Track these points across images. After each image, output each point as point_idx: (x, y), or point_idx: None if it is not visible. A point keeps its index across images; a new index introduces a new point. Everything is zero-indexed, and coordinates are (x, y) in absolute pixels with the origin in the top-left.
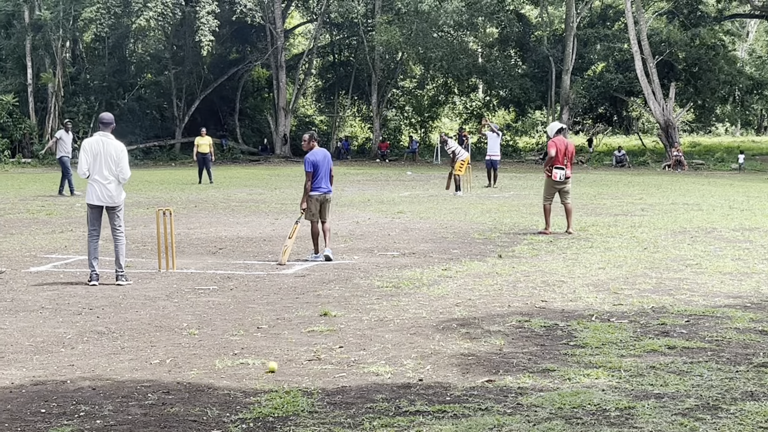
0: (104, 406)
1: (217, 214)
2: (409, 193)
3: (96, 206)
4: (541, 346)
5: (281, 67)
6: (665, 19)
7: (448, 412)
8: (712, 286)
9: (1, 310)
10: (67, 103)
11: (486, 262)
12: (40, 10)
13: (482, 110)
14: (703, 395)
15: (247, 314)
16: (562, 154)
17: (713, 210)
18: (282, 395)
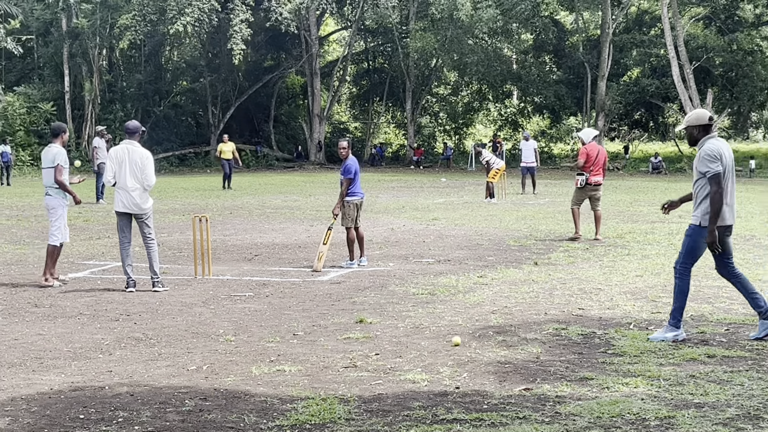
0: (142, 412)
1: (252, 221)
2: (444, 200)
3: (123, 213)
4: (578, 355)
5: (316, 74)
6: (702, 24)
7: (485, 421)
8: None
9: (40, 316)
10: (104, 110)
11: (522, 270)
12: (77, 18)
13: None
14: (744, 405)
15: (283, 321)
16: (591, 162)
17: (752, 217)
18: (318, 402)
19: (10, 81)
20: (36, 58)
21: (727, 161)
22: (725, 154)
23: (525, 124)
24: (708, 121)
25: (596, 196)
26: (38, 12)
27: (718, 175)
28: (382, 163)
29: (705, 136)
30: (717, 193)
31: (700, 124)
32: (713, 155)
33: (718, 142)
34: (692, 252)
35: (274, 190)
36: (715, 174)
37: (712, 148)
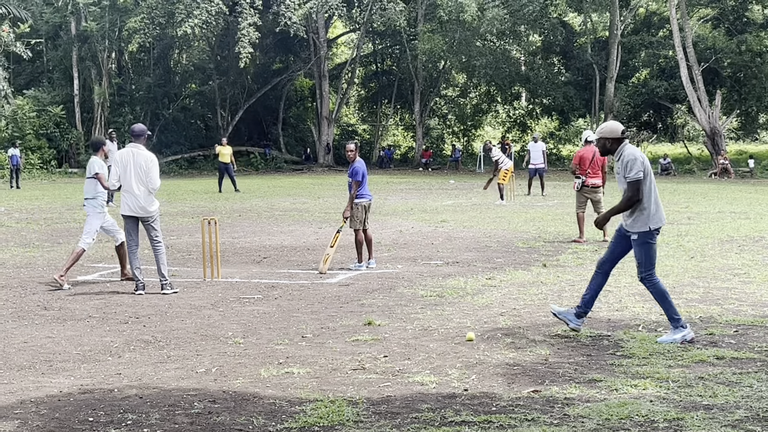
0: (151, 414)
1: (261, 223)
2: (452, 201)
3: (130, 217)
4: (587, 356)
5: (324, 77)
6: (711, 25)
7: (494, 423)
8: (761, 295)
9: (49, 318)
10: (113, 113)
11: (530, 271)
12: (86, 21)
13: (525, 118)
14: (753, 406)
15: (292, 323)
16: (587, 164)
17: (761, 218)
18: (327, 404)
19: (20, 84)
20: (45, 61)
21: (646, 167)
22: (645, 160)
23: (533, 126)
24: (620, 135)
25: (595, 199)
26: (47, 15)
27: (639, 181)
28: (391, 165)
29: (619, 146)
30: (631, 200)
31: (613, 137)
32: (635, 161)
33: (635, 149)
34: (650, 259)
35: (283, 193)
36: (636, 180)
37: (634, 153)
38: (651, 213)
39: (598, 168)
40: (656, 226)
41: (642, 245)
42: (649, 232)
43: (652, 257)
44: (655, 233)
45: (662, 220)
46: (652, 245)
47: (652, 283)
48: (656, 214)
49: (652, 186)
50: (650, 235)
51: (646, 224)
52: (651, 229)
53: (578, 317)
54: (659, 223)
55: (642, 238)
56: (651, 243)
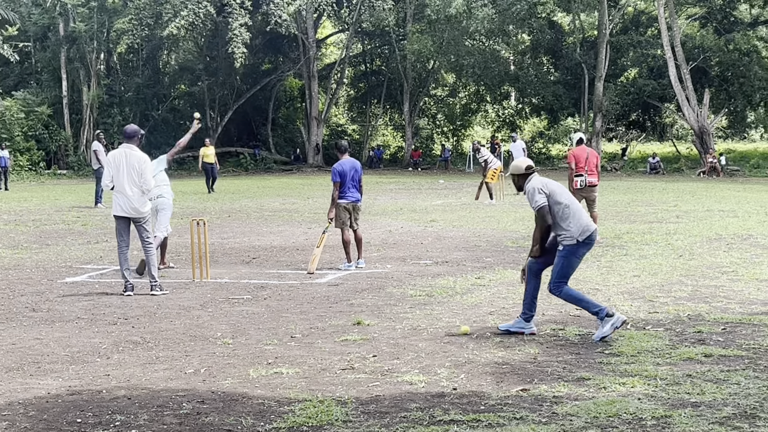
0: (139, 415)
1: (250, 224)
2: (442, 201)
3: (121, 217)
4: (575, 355)
5: (313, 77)
6: (698, 24)
7: (482, 422)
8: (749, 293)
9: (37, 320)
10: (102, 114)
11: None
12: (74, 22)
13: (514, 118)
14: (741, 404)
15: (281, 323)
16: (582, 164)
17: (749, 216)
18: (316, 404)
19: (8, 86)
20: (34, 62)
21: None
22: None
23: (523, 125)
24: (525, 170)
25: (591, 198)
26: (36, 17)
27: (543, 207)
28: (380, 165)
29: (526, 180)
30: (542, 228)
31: (520, 174)
32: (537, 190)
33: (536, 180)
34: (565, 271)
35: (272, 193)
36: (539, 207)
37: (533, 184)
38: (575, 230)
39: (594, 166)
40: (583, 237)
41: (565, 257)
42: (577, 244)
43: (568, 271)
44: (583, 245)
45: (588, 229)
46: (573, 259)
47: (560, 292)
48: (579, 227)
49: (567, 204)
50: (576, 247)
51: (573, 238)
52: (579, 241)
53: (528, 321)
54: (586, 233)
55: (566, 250)
56: (574, 257)
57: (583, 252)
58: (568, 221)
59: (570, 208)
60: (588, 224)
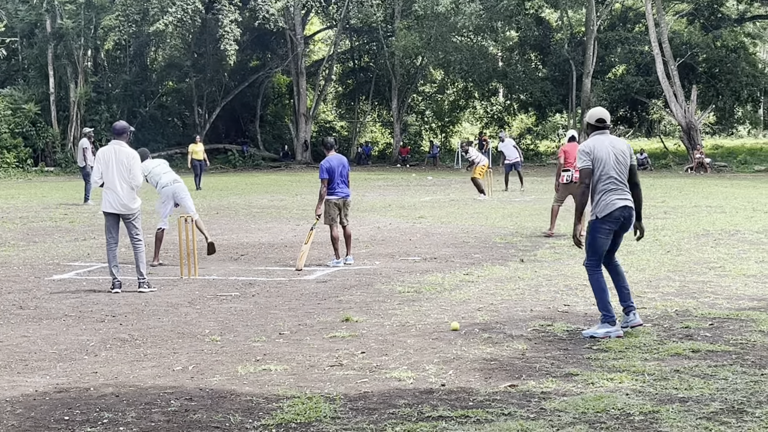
0: (127, 413)
1: (238, 221)
2: (430, 197)
3: (111, 214)
4: (564, 351)
5: (302, 74)
6: (686, 21)
7: (470, 417)
8: (736, 288)
9: (24, 317)
10: (90, 111)
11: (508, 267)
12: (61, 19)
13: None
14: (728, 399)
15: (269, 320)
16: (571, 159)
17: (736, 212)
18: (304, 401)
19: None
20: (21, 59)
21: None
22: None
23: (511, 122)
24: (595, 123)
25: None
26: (23, 13)
27: (583, 170)
28: (369, 162)
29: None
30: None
31: (588, 123)
32: (583, 151)
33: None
34: (592, 248)
35: (261, 190)
36: (580, 170)
37: (586, 144)
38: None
39: None
40: (602, 214)
41: (588, 232)
42: (597, 220)
43: (597, 247)
44: (603, 223)
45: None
46: (595, 236)
47: (589, 271)
48: (600, 204)
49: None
50: (597, 224)
51: (594, 214)
52: (598, 217)
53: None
54: (605, 210)
55: (589, 225)
56: (596, 233)
57: (605, 230)
58: (595, 195)
59: (600, 183)
60: (612, 202)
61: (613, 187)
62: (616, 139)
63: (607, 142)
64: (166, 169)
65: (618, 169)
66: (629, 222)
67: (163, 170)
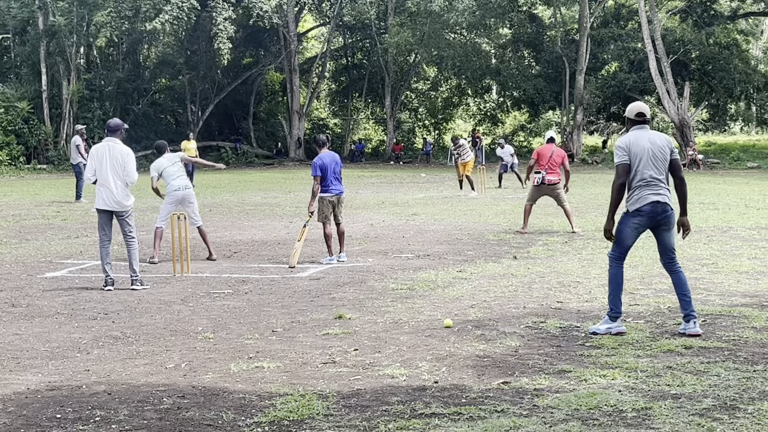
0: (120, 410)
1: (231, 218)
2: (424, 195)
3: (104, 211)
4: (556, 348)
5: (295, 71)
6: (679, 18)
7: (463, 414)
8: (729, 285)
9: (16, 315)
10: (82, 109)
11: (501, 264)
12: (54, 16)
13: (496, 111)
14: (721, 395)
15: (262, 317)
16: (545, 161)
17: (729, 209)
18: (297, 398)
19: None
20: (13, 57)
21: (632, 152)
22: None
23: (504, 119)
24: (635, 117)
25: (554, 194)
26: (15, 10)
27: (620, 166)
28: (362, 159)
29: (630, 128)
30: (614, 185)
31: (628, 117)
32: (619, 147)
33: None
34: (619, 238)
35: (254, 187)
36: (618, 164)
37: (622, 139)
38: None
39: (557, 165)
40: (633, 208)
41: (618, 224)
42: (626, 213)
43: (621, 239)
44: (633, 216)
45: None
46: (622, 228)
47: (610, 260)
48: (632, 197)
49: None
50: (626, 217)
51: (626, 206)
52: (628, 211)
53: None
54: (635, 204)
55: (621, 217)
56: (623, 225)
57: (633, 223)
58: (630, 190)
59: (636, 178)
60: (643, 197)
61: (648, 183)
62: (656, 133)
63: (645, 137)
64: (180, 172)
65: (655, 164)
66: (666, 218)
67: (177, 172)
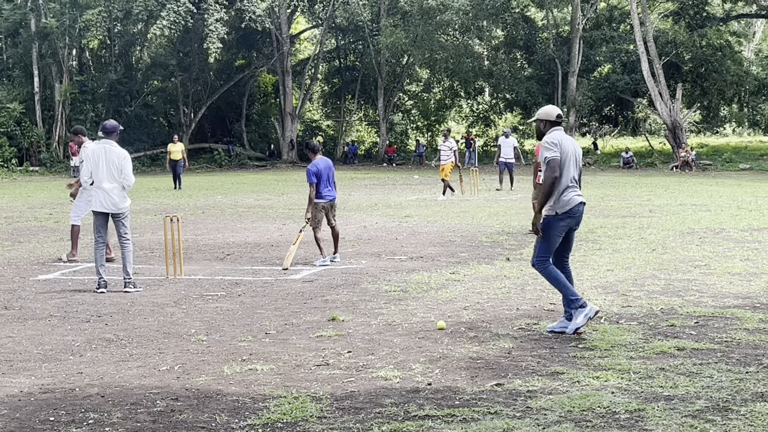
0: (113, 413)
1: (224, 220)
2: (417, 197)
3: (100, 213)
4: (549, 349)
5: (287, 73)
6: (671, 20)
7: (457, 416)
8: (721, 287)
9: (9, 318)
10: (75, 111)
11: (494, 265)
12: (46, 18)
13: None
14: (713, 397)
15: (255, 320)
16: None
17: (721, 211)
18: (290, 401)
19: None
20: (5, 58)
21: (565, 150)
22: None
23: (497, 121)
24: (555, 118)
25: None
26: (7, 12)
27: (552, 161)
28: (355, 161)
29: (550, 129)
30: (548, 180)
31: (548, 119)
32: (552, 143)
33: (559, 134)
34: (547, 243)
35: (247, 189)
36: (551, 159)
37: (552, 137)
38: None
39: None
40: (561, 211)
41: (543, 228)
42: (555, 216)
43: (551, 243)
44: (562, 219)
45: (569, 203)
46: (553, 232)
47: (542, 269)
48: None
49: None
50: (555, 220)
51: (553, 209)
52: (557, 213)
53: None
54: (566, 206)
55: (545, 220)
56: (552, 229)
57: (562, 226)
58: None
59: (562, 179)
60: (571, 199)
61: (572, 184)
62: (570, 137)
63: (568, 140)
64: None
65: (577, 166)
66: (581, 220)
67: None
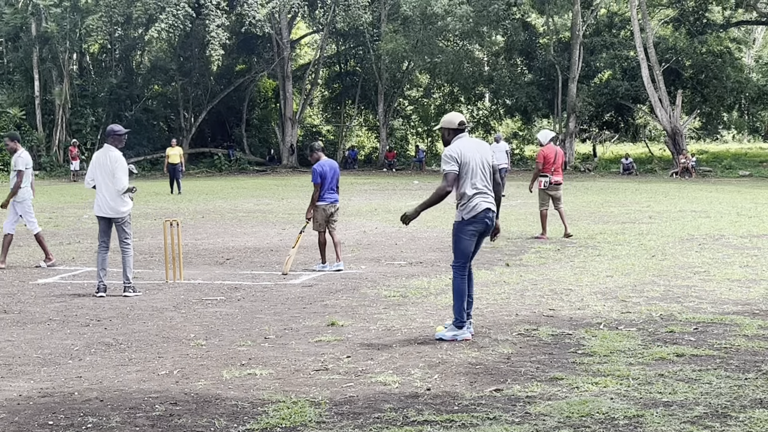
0: (112, 417)
1: (224, 225)
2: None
3: (102, 218)
4: (549, 355)
5: (288, 78)
6: (671, 26)
7: (456, 422)
8: (721, 293)
9: (9, 322)
10: (75, 115)
11: (493, 271)
12: (46, 22)
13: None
14: (712, 403)
15: (255, 324)
16: (550, 164)
17: (721, 217)
18: (289, 405)
19: None
20: (6, 63)
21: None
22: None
23: (497, 126)
24: (458, 125)
25: (557, 195)
26: (7, 17)
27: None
28: (355, 166)
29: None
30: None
31: (451, 128)
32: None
33: (462, 144)
34: (459, 249)
35: (247, 194)
36: (447, 173)
37: (453, 148)
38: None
39: (560, 166)
40: (468, 216)
41: (454, 235)
42: (462, 222)
43: (463, 248)
44: (469, 224)
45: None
46: (462, 237)
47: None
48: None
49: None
50: (462, 225)
51: (460, 215)
52: (464, 219)
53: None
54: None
55: (455, 227)
56: (461, 234)
57: (470, 231)
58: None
59: (467, 186)
60: (478, 204)
61: (480, 191)
62: (478, 141)
63: (473, 147)
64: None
65: (484, 173)
66: (491, 226)
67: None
